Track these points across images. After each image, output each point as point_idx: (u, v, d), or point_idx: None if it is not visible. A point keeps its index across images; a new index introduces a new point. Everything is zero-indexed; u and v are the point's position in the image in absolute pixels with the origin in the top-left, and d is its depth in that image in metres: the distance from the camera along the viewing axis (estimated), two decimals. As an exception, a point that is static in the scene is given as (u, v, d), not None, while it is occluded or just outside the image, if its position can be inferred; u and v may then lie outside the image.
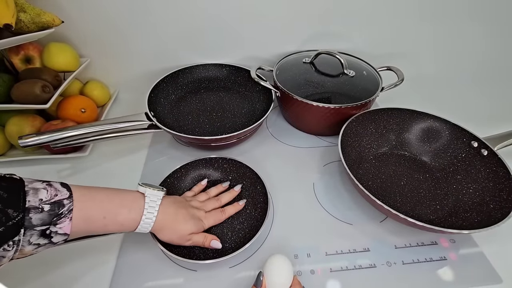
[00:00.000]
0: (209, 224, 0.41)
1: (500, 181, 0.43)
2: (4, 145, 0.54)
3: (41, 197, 0.29)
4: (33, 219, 0.27)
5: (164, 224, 0.36)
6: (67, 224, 0.30)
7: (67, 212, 0.30)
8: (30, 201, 0.28)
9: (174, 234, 0.37)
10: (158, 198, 0.37)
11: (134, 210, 0.35)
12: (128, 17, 0.60)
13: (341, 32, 0.66)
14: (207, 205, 0.43)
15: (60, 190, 0.30)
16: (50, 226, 0.28)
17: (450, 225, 0.41)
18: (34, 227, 0.27)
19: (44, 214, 0.28)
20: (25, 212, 0.27)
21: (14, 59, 0.54)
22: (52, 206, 0.29)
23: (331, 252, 0.41)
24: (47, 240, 0.29)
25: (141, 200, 0.35)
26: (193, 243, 0.38)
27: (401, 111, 0.54)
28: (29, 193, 0.28)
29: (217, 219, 0.42)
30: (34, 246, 0.28)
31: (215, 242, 0.40)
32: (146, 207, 0.35)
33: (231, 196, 0.46)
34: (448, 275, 0.39)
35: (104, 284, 0.38)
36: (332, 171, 0.53)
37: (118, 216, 0.33)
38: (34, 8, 0.50)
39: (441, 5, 0.63)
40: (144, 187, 0.37)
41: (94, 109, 0.61)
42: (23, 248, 0.27)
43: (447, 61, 0.74)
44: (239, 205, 0.45)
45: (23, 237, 0.27)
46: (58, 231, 0.29)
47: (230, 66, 0.67)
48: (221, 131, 0.57)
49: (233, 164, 0.50)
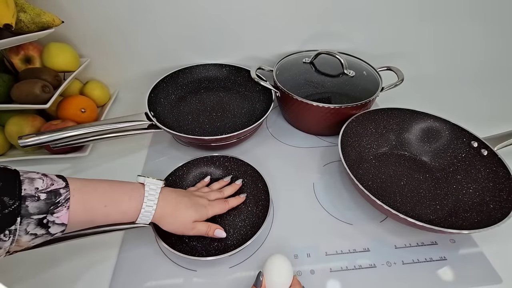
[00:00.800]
0: (213, 211, 0.41)
1: (500, 181, 0.43)
2: (4, 145, 0.54)
3: (37, 186, 0.28)
4: (30, 207, 0.27)
5: (165, 212, 0.36)
6: (65, 213, 0.29)
7: (64, 201, 0.29)
8: (26, 189, 0.27)
9: (176, 221, 0.37)
10: (158, 186, 0.37)
11: (134, 198, 0.35)
12: (128, 17, 0.60)
13: (341, 32, 0.66)
14: (210, 195, 0.43)
15: (56, 180, 0.30)
16: (47, 215, 0.28)
17: (450, 225, 0.41)
18: (31, 215, 0.27)
19: (40, 203, 0.28)
20: (21, 200, 0.27)
21: (14, 59, 0.54)
22: (49, 195, 0.28)
23: (331, 252, 0.41)
24: (44, 230, 0.28)
25: (141, 189, 0.36)
26: (197, 231, 0.38)
27: (401, 111, 0.54)
28: (24, 182, 0.28)
29: (221, 208, 0.42)
30: (31, 237, 0.28)
31: (219, 231, 0.39)
32: (146, 194, 0.35)
33: (233, 189, 0.46)
34: (448, 275, 0.39)
35: (104, 284, 0.38)
36: (332, 171, 0.53)
37: (119, 204, 0.34)
38: (34, 8, 0.50)
39: (441, 5, 0.63)
40: (144, 177, 0.37)
41: (94, 109, 0.61)
42: (19, 238, 0.27)
43: (447, 61, 0.74)
44: (241, 197, 0.45)
45: (20, 226, 0.26)
46: (56, 221, 0.29)
47: (230, 66, 0.67)
48: (221, 131, 0.57)
49: (235, 162, 0.50)
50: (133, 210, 0.34)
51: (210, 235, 0.39)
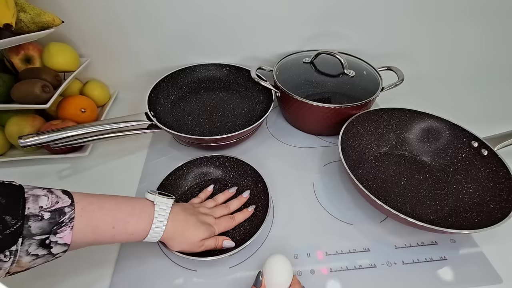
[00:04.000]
0: (219, 230, 0.40)
1: (500, 181, 0.43)
2: (4, 145, 0.54)
3: (42, 204, 0.27)
4: (32, 228, 0.26)
5: (174, 232, 0.35)
6: (68, 234, 0.28)
7: (68, 221, 0.28)
8: (29, 208, 0.26)
9: (184, 242, 0.36)
10: (168, 206, 0.35)
11: (143, 218, 0.33)
12: (128, 17, 0.60)
13: (341, 32, 0.66)
14: (216, 211, 0.42)
15: (61, 197, 0.29)
16: (49, 236, 0.27)
17: (450, 225, 0.41)
18: (33, 236, 0.26)
19: (43, 222, 0.27)
20: (24, 220, 0.26)
21: (14, 59, 0.54)
22: (53, 214, 0.27)
23: (331, 252, 0.41)
24: (46, 250, 0.27)
25: (150, 208, 0.34)
26: (206, 248, 0.38)
27: (401, 111, 0.54)
28: (29, 200, 0.27)
29: (227, 226, 0.41)
30: (32, 257, 0.27)
31: (228, 242, 0.39)
32: (156, 215, 0.34)
33: (239, 203, 0.45)
34: (448, 275, 0.39)
35: (104, 283, 0.38)
36: (332, 171, 0.53)
37: (127, 225, 0.32)
38: (34, 8, 0.50)
39: (441, 5, 0.63)
40: (153, 195, 0.36)
41: (94, 109, 0.61)
42: (20, 259, 0.26)
43: (447, 61, 0.74)
44: (248, 211, 0.44)
45: (21, 247, 0.25)
46: (58, 241, 0.28)
47: (230, 66, 0.67)
48: (221, 131, 0.57)
49: (235, 162, 0.50)
50: (142, 232, 0.33)
51: (219, 247, 0.39)
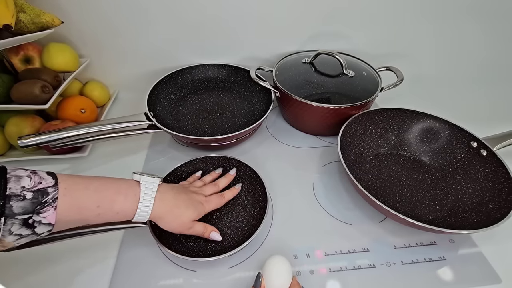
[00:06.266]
0: (210, 208, 0.40)
1: (499, 181, 0.43)
2: (3, 145, 0.54)
3: (24, 184, 0.27)
4: (14, 207, 0.26)
5: (163, 211, 0.36)
6: (52, 213, 0.28)
7: (51, 201, 0.28)
8: (11, 188, 0.26)
9: (175, 221, 0.36)
10: (154, 185, 0.36)
11: (129, 198, 0.34)
12: (128, 17, 0.60)
13: (341, 32, 0.66)
14: (206, 190, 0.43)
15: (45, 178, 0.29)
16: (32, 215, 0.27)
17: (449, 225, 0.41)
18: (16, 215, 0.26)
19: (26, 202, 0.27)
20: (5, 199, 0.26)
21: (13, 59, 0.54)
22: (35, 194, 0.27)
23: (331, 252, 0.41)
24: (29, 230, 0.27)
25: (136, 188, 0.35)
26: (194, 231, 0.38)
27: (400, 111, 0.54)
28: (10, 180, 0.27)
29: (218, 203, 0.42)
30: (16, 237, 0.27)
31: (215, 234, 0.39)
32: (142, 194, 0.34)
33: (227, 180, 0.46)
34: (447, 275, 0.39)
35: (103, 284, 0.38)
36: (332, 171, 0.53)
37: (113, 204, 0.33)
38: (33, 8, 0.50)
39: (441, 5, 0.63)
40: (139, 175, 0.36)
41: (93, 109, 0.61)
42: (3, 238, 0.26)
43: (446, 61, 0.74)
44: (235, 189, 0.45)
45: (4, 226, 0.26)
46: (42, 221, 0.28)
47: (230, 66, 0.67)
48: (220, 131, 0.57)
49: (233, 163, 0.50)
50: (128, 210, 0.34)
51: (206, 236, 0.39)
